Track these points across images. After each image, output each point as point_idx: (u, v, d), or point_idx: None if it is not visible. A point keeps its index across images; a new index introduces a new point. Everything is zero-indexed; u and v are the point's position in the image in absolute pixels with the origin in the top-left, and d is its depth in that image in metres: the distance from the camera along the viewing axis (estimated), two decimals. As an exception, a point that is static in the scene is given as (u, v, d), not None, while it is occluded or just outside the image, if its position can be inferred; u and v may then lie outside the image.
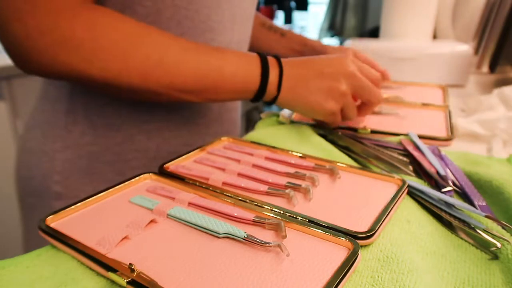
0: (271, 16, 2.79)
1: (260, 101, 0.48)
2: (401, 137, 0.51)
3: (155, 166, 0.53)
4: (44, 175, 0.51)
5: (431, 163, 0.42)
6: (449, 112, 0.59)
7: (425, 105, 0.62)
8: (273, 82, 0.46)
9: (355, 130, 0.54)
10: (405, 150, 0.48)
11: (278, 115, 0.60)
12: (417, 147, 0.47)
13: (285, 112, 0.65)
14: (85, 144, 0.51)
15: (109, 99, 0.50)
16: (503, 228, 0.31)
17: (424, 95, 0.68)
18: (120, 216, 0.33)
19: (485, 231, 0.31)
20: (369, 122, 0.57)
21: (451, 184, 0.38)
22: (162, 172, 0.41)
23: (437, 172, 0.40)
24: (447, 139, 0.51)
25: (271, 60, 0.46)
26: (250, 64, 0.45)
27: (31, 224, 0.55)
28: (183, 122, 0.55)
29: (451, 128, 0.54)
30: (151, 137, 0.53)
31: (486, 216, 0.32)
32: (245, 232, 0.29)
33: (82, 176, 0.51)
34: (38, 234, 0.38)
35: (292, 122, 0.57)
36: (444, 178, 0.39)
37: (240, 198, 0.35)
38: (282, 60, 0.47)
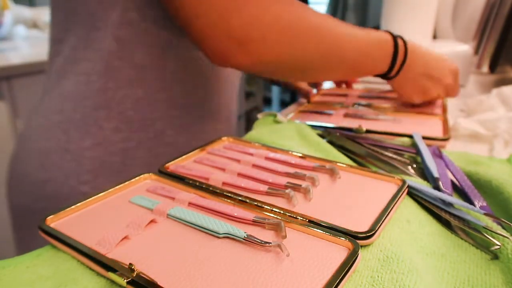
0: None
1: (393, 69, 0.55)
2: (404, 138, 0.51)
3: None
4: (67, 175, 0.49)
5: (427, 164, 0.42)
6: (447, 120, 0.58)
7: (423, 114, 0.61)
8: (396, 67, 0.54)
9: (350, 130, 0.54)
10: (405, 151, 0.48)
11: (275, 115, 0.60)
12: (418, 149, 0.47)
13: (282, 113, 0.65)
14: (119, 141, 0.49)
15: (145, 93, 0.49)
16: (502, 227, 0.31)
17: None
18: (120, 216, 0.33)
19: (484, 229, 0.31)
20: (365, 126, 0.56)
21: (442, 187, 0.38)
22: (162, 172, 0.41)
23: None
24: (444, 139, 0.51)
25: (401, 47, 0.53)
26: (384, 50, 0.53)
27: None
28: (210, 117, 0.56)
29: (448, 129, 0.54)
30: (181, 132, 0.54)
31: (485, 214, 0.32)
32: (245, 232, 0.29)
33: (112, 174, 0.50)
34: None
35: (289, 122, 0.57)
36: (436, 180, 0.39)
37: (240, 198, 0.35)
38: (409, 49, 0.54)
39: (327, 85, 0.90)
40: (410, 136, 0.51)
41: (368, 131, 0.54)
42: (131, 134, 0.50)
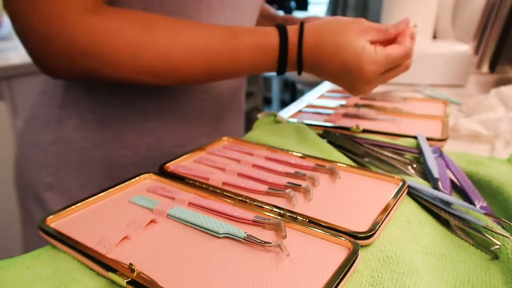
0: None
1: (285, 72, 0.46)
2: (407, 138, 0.51)
3: (146, 164, 0.53)
4: (37, 166, 0.52)
5: (428, 165, 0.42)
6: (447, 122, 0.58)
7: (424, 115, 0.61)
8: (293, 51, 0.44)
9: (347, 129, 0.54)
10: (406, 151, 0.48)
11: (275, 115, 0.60)
12: (420, 149, 0.47)
13: (282, 112, 0.65)
14: (77, 139, 0.51)
15: (101, 96, 0.50)
16: (502, 227, 0.31)
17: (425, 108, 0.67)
18: (120, 216, 0.33)
19: (485, 228, 0.31)
20: (365, 126, 0.55)
21: (440, 187, 0.38)
22: (162, 172, 0.41)
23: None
24: (441, 140, 0.50)
25: (292, 30, 0.44)
26: (266, 37, 0.43)
27: (26, 215, 0.55)
28: (175, 123, 0.55)
29: (446, 130, 0.54)
30: (142, 136, 0.53)
31: (485, 214, 0.32)
32: (245, 232, 0.29)
33: (73, 170, 0.52)
34: (33, 226, 0.37)
35: (289, 122, 0.57)
36: (436, 181, 0.39)
37: (240, 198, 0.35)
38: (305, 27, 0.44)
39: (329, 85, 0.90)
40: (413, 137, 0.51)
41: (366, 131, 0.54)
42: (88, 134, 0.51)
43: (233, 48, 0.43)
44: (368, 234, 0.29)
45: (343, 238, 0.29)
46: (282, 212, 0.33)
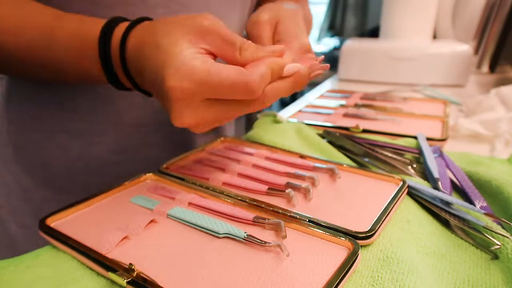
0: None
1: (114, 77, 0.35)
2: (407, 138, 0.51)
3: (77, 167, 0.50)
4: None
5: (428, 165, 0.42)
6: (447, 122, 0.58)
7: (423, 115, 0.61)
8: (115, 48, 0.33)
9: (347, 129, 0.54)
10: (406, 151, 0.48)
11: (275, 115, 0.60)
12: (420, 149, 0.47)
13: (282, 112, 0.65)
14: (12, 132, 0.50)
15: (31, 91, 0.49)
16: (502, 227, 0.31)
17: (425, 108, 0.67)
18: (120, 216, 0.33)
19: (485, 228, 0.31)
20: (365, 126, 0.55)
21: (441, 187, 0.38)
22: (162, 172, 0.41)
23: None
24: (441, 140, 0.50)
25: (125, 24, 0.33)
26: (92, 25, 0.35)
27: None
28: (109, 128, 0.49)
29: (446, 130, 0.54)
30: (73, 138, 0.49)
31: (485, 214, 0.32)
32: (245, 232, 0.29)
33: (6, 165, 0.51)
34: None
35: (289, 122, 0.57)
36: (436, 181, 0.39)
37: (240, 198, 0.35)
38: (142, 23, 0.33)
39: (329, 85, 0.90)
40: (413, 137, 0.51)
41: (366, 131, 0.54)
42: (21, 128, 0.50)
43: (52, 27, 0.35)
44: (368, 234, 0.29)
45: (343, 238, 0.29)
46: (282, 212, 0.33)
